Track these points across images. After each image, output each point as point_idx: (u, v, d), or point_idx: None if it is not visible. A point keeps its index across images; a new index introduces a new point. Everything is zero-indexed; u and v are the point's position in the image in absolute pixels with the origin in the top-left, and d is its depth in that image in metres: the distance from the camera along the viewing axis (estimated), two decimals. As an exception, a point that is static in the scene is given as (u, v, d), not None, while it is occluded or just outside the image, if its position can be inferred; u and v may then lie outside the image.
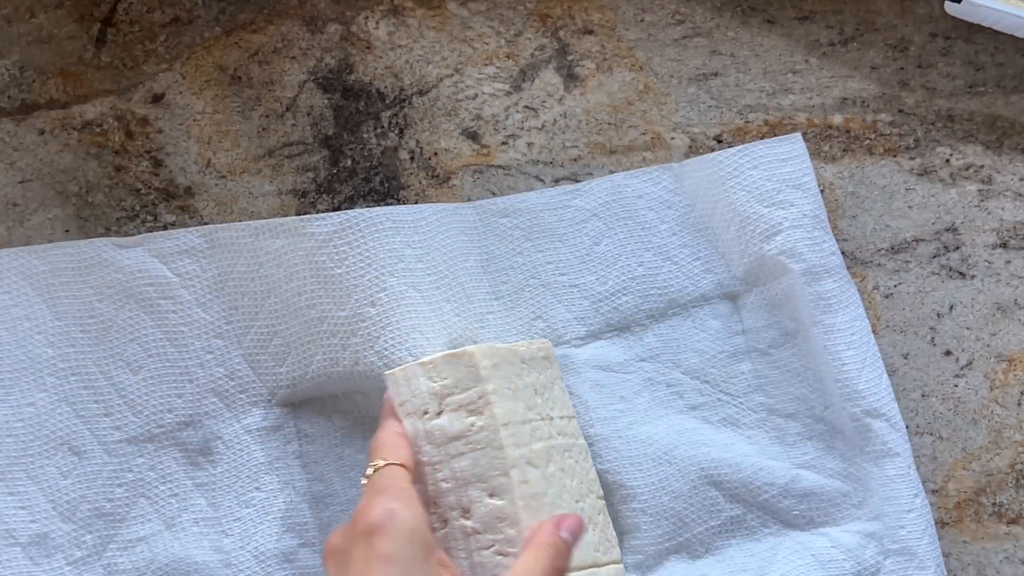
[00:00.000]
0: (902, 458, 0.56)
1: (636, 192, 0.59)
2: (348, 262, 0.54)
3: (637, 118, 0.61)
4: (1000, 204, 0.60)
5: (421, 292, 0.54)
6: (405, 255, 0.54)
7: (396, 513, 0.43)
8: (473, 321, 0.56)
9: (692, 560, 0.56)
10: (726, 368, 0.58)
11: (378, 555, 0.41)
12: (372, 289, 0.53)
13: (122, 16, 0.59)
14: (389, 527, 0.42)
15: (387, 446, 0.48)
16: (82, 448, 0.53)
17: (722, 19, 0.62)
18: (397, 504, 0.43)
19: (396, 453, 0.47)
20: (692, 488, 0.56)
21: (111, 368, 0.54)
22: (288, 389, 0.55)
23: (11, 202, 0.57)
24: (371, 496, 0.44)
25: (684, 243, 0.59)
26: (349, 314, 0.54)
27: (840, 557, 0.55)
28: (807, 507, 0.57)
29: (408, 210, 0.55)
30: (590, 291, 0.58)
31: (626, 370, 0.57)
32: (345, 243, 0.54)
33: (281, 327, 0.55)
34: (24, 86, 0.58)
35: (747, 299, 0.59)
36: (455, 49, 0.60)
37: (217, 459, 0.54)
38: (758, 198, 0.57)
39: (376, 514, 0.43)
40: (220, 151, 0.58)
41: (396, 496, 0.44)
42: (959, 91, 0.61)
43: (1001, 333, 0.59)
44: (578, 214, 0.58)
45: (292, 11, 0.60)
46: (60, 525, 0.52)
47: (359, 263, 0.54)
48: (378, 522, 0.42)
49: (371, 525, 0.42)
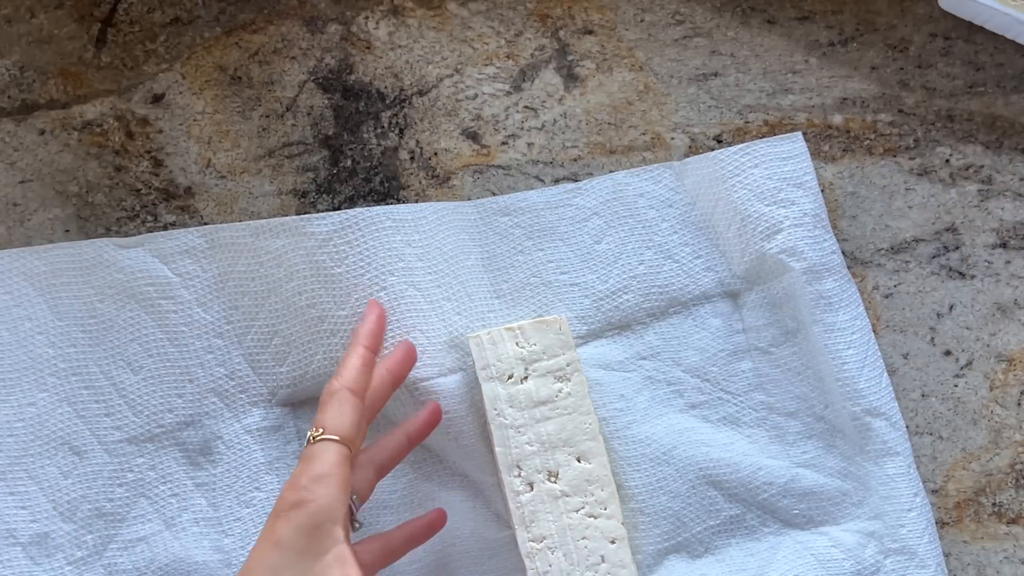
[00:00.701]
0: (902, 457, 0.56)
1: (637, 190, 0.59)
2: (348, 261, 0.54)
3: (637, 118, 0.61)
4: (1000, 204, 0.61)
5: (422, 291, 0.55)
6: (405, 254, 0.55)
7: (305, 499, 0.42)
8: (474, 319, 0.56)
9: (692, 559, 0.56)
10: (727, 366, 0.58)
11: (272, 536, 0.41)
12: (372, 288, 0.54)
13: (122, 16, 0.60)
14: (294, 512, 0.42)
15: (331, 411, 0.45)
16: (83, 448, 0.53)
17: (722, 19, 0.62)
18: (311, 489, 0.42)
19: (338, 422, 0.45)
20: (691, 488, 0.56)
21: (112, 368, 0.54)
22: (288, 389, 0.55)
23: (11, 202, 0.57)
24: (297, 472, 0.43)
25: (685, 241, 0.59)
26: (349, 313, 0.54)
27: (840, 556, 0.56)
28: (807, 506, 0.57)
29: (408, 209, 0.56)
30: (591, 290, 0.58)
31: (626, 368, 0.58)
32: (345, 242, 0.54)
33: (281, 327, 0.55)
34: (24, 86, 0.58)
35: (748, 297, 0.59)
36: (455, 49, 0.61)
37: (217, 459, 0.55)
38: (759, 196, 0.58)
39: (288, 495, 0.42)
40: (220, 151, 0.59)
41: (314, 479, 0.42)
42: (959, 91, 0.62)
43: (1001, 333, 0.60)
44: (579, 212, 0.59)
45: (292, 11, 0.60)
46: (61, 525, 0.52)
47: (359, 262, 0.54)
48: (287, 503, 0.42)
49: (281, 503, 0.42)
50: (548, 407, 0.49)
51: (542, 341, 0.50)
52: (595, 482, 0.48)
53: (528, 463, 0.48)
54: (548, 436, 0.48)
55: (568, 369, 0.49)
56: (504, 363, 0.50)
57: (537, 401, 0.49)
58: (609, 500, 0.48)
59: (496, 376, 0.50)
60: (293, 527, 0.42)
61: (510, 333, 0.50)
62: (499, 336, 0.50)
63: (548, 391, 0.49)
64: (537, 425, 0.48)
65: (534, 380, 0.49)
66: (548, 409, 0.49)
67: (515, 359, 0.50)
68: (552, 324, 0.49)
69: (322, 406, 0.46)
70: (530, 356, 0.49)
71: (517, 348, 0.50)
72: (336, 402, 0.45)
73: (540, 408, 0.49)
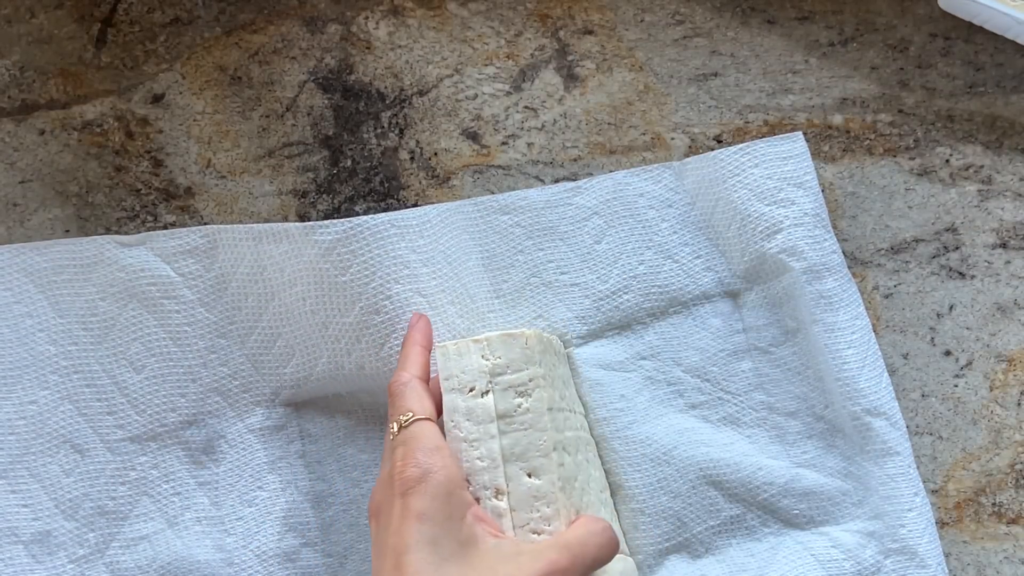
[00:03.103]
0: (902, 457, 0.57)
1: (637, 190, 0.60)
2: (352, 270, 0.55)
3: (637, 118, 0.62)
4: (1000, 204, 0.62)
5: (426, 297, 0.55)
6: (410, 260, 0.56)
7: (430, 470, 0.45)
8: (475, 320, 0.57)
9: (692, 560, 0.57)
10: (727, 366, 0.59)
11: (412, 512, 0.44)
12: (377, 297, 0.55)
13: (122, 16, 0.61)
14: (424, 485, 0.44)
15: (412, 397, 0.49)
16: (85, 446, 0.54)
17: (722, 19, 0.63)
18: (431, 461, 0.45)
19: (422, 406, 0.48)
20: (691, 488, 0.57)
21: (114, 367, 0.55)
22: (292, 389, 0.56)
23: (11, 202, 0.58)
24: (406, 452, 0.46)
25: (685, 241, 0.60)
26: (354, 321, 0.55)
27: (840, 557, 0.56)
28: (807, 506, 0.58)
29: (412, 214, 0.56)
30: (591, 290, 0.59)
31: (627, 368, 0.59)
32: (349, 251, 0.55)
33: (284, 330, 0.56)
34: (24, 86, 0.59)
35: (748, 297, 0.60)
36: (455, 49, 0.62)
37: (220, 458, 0.55)
38: (759, 196, 0.59)
39: (411, 472, 0.45)
40: (220, 151, 0.60)
41: (429, 453, 0.45)
42: (959, 91, 0.63)
43: (1001, 333, 0.61)
44: (579, 212, 0.59)
45: (292, 11, 0.61)
46: (63, 523, 0.53)
47: (363, 271, 0.55)
48: (412, 479, 0.44)
49: (406, 482, 0.44)
50: (505, 422, 0.49)
51: (507, 355, 0.49)
52: (542, 498, 0.47)
53: (477, 479, 0.48)
54: (501, 450, 0.48)
55: (530, 385, 0.49)
56: (468, 375, 0.50)
57: (495, 416, 0.49)
58: (554, 517, 0.47)
59: (458, 388, 0.50)
60: (429, 497, 0.44)
61: (477, 345, 0.50)
62: (466, 348, 0.50)
63: (507, 405, 0.48)
64: (491, 440, 0.49)
65: (495, 394, 0.49)
66: (504, 424, 0.49)
67: (479, 372, 0.50)
68: (519, 338, 0.49)
69: (398, 396, 0.49)
70: (494, 369, 0.49)
71: (483, 360, 0.50)
72: (412, 390, 0.49)
73: (498, 423, 0.49)
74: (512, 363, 0.49)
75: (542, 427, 0.48)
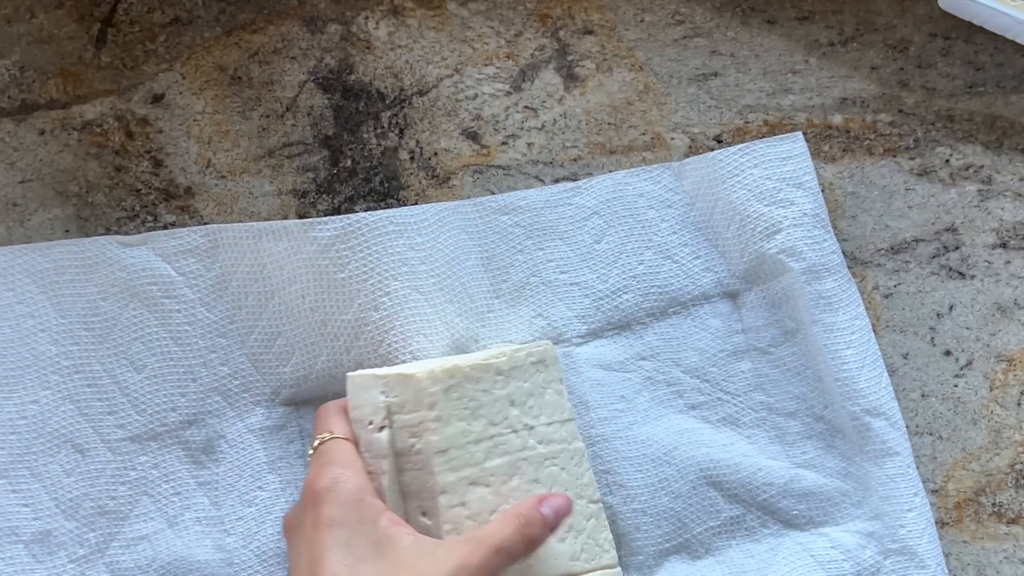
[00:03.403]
0: (902, 457, 0.57)
1: (637, 190, 0.60)
2: (351, 267, 0.55)
3: (637, 118, 0.62)
4: (1000, 204, 0.62)
5: (424, 295, 0.56)
6: (408, 258, 0.56)
7: (339, 479, 0.46)
8: (474, 320, 0.57)
9: (692, 561, 0.57)
10: (726, 367, 0.59)
11: (324, 520, 0.45)
12: (375, 294, 0.55)
13: (122, 16, 0.61)
14: (333, 493, 0.46)
15: (333, 420, 0.51)
16: (85, 446, 0.54)
17: (722, 19, 0.63)
18: (341, 471, 0.47)
19: (340, 427, 0.50)
20: (691, 488, 0.57)
21: (115, 366, 0.55)
22: (292, 388, 0.56)
23: (11, 202, 0.58)
24: (317, 467, 0.48)
25: (684, 242, 0.60)
26: (353, 318, 0.55)
27: (840, 558, 0.57)
28: (806, 507, 0.58)
29: (411, 212, 0.57)
30: (591, 289, 0.59)
31: (626, 369, 0.59)
32: (348, 248, 0.55)
33: (285, 328, 0.56)
34: (24, 86, 0.60)
35: (747, 298, 0.60)
36: (455, 49, 0.62)
37: (220, 458, 0.56)
38: (758, 196, 0.59)
39: (321, 482, 0.46)
40: (220, 151, 0.60)
41: (340, 464, 0.47)
42: (959, 91, 0.63)
43: (1001, 333, 0.61)
44: (579, 212, 0.60)
45: (292, 11, 0.62)
46: (63, 523, 0.53)
47: (362, 268, 0.55)
48: (323, 489, 0.46)
49: (316, 492, 0.46)
50: (403, 459, 0.49)
51: (403, 394, 0.50)
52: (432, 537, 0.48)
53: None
54: (401, 486, 0.49)
55: (419, 428, 0.49)
56: (367, 408, 0.51)
57: (388, 452, 0.50)
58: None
59: (359, 419, 0.51)
60: (339, 505, 0.46)
61: (377, 380, 0.50)
62: (369, 381, 0.51)
63: (404, 444, 0.49)
64: (383, 476, 0.50)
65: (391, 431, 0.50)
66: (403, 461, 0.49)
67: (376, 407, 0.50)
68: (411, 380, 0.49)
69: (321, 418, 0.52)
70: (391, 407, 0.50)
71: (381, 396, 0.50)
72: (334, 414, 0.52)
73: (397, 459, 0.50)
74: (406, 404, 0.50)
75: (430, 470, 0.49)
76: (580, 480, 0.54)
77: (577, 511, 0.53)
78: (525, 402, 0.53)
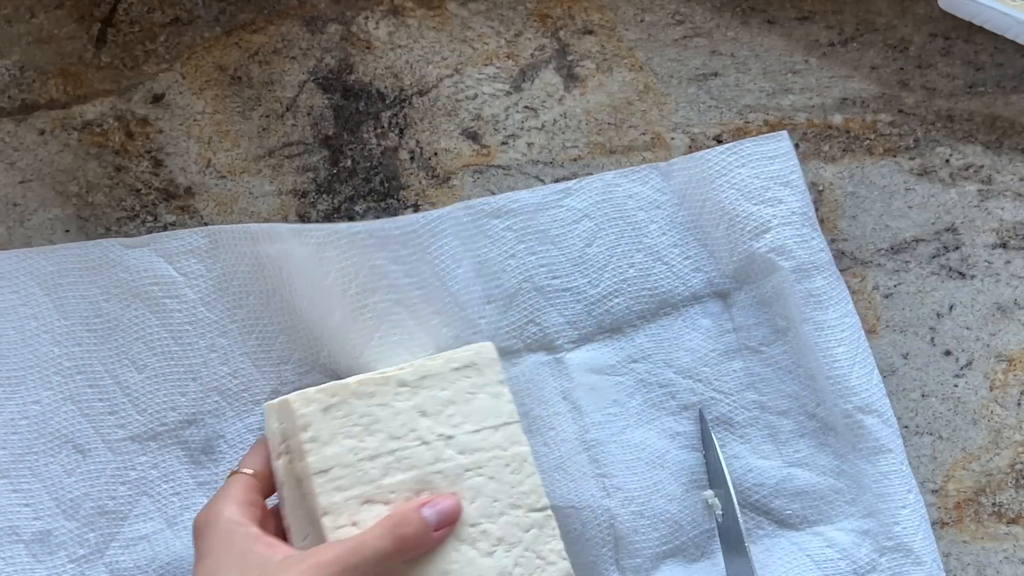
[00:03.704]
0: (895, 454, 0.57)
1: (626, 192, 0.60)
2: (332, 276, 0.56)
3: (637, 118, 0.62)
4: (1000, 204, 0.62)
5: (407, 307, 0.56)
6: (390, 271, 0.56)
7: (212, 514, 0.48)
8: (464, 328, 0.57)
9: (688, 564, 0.58)
10: (718, 366, 0.59)
11: (199, 554, 0.48)
12: (354, 305, 0.56)
13: (122, 16, 0.61)
14: (205, 529, 0.48)
15: (250, 453, 0.53)
16: (86, 446, 0.55)
17: (722, 19, 0.64)
18: (218, 506, 0.48)
19: (252, 461, 0.52)
20: (685, 491, 0.58)
21: (116, 366, 0.56)
22: (292, 387, 0.57)
23: (11, 202, 0.59)
24: (208, 503, 0.50)
25: (674, 243, 0.60)
26: (338, 324, 0.56)
27: (835, 556, 0.57)
28: (800, 506, 0.58)
29: (395, 223, 0.57)
30: (582, 294, 0.59)
31: (619, 372, 0.59)
32: (328, 257, 0.56)
33: (286, 326, 0.57)
34: (24, 86, 0.60)
35: (737, 297, 0.60)
36: (455, 49, 0.62)
37: (219, 458, 0.56)
38: (746, 196, 0.59)
39: (198, 519, 0.49)
40: (220, 151, 0.60)
41: (222, 500, 0.49)
42: (959, 91, 0.63)
43: (1001, 333, 0.61)
44: (570, 214, 0.60)
45: (292, 11, 0.62)
46: (63, 522, 0.54)
47: (340, 279, 0.56)
48: (199, 525, 0.48)
49: (195, 528, 0.48)
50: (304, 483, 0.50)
51: (285, 420, 0.50)
52: None
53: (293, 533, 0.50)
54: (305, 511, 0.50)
55: (299, 451, 0.50)
56: (272, 438, 0.51)
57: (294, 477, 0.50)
58: None
59: (272, 448, 0.52)
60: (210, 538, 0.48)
61: (273, 410, 0.51)
62: (271, 410, 0.51)
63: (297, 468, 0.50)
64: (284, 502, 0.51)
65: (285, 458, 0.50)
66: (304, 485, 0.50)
67: (275, 434, 0.51)
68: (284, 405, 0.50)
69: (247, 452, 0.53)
70: (284, 433, 0.51)
71: (276, 423, 0.51)
72: (254, 446, 0.53)
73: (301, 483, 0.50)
74: (288, 429, 0.50)
75: (310, 493, 0.49)
76: (518, 488, 0.52)
77: (511, 522, 0.51)
78: (442, 411, 0.52)
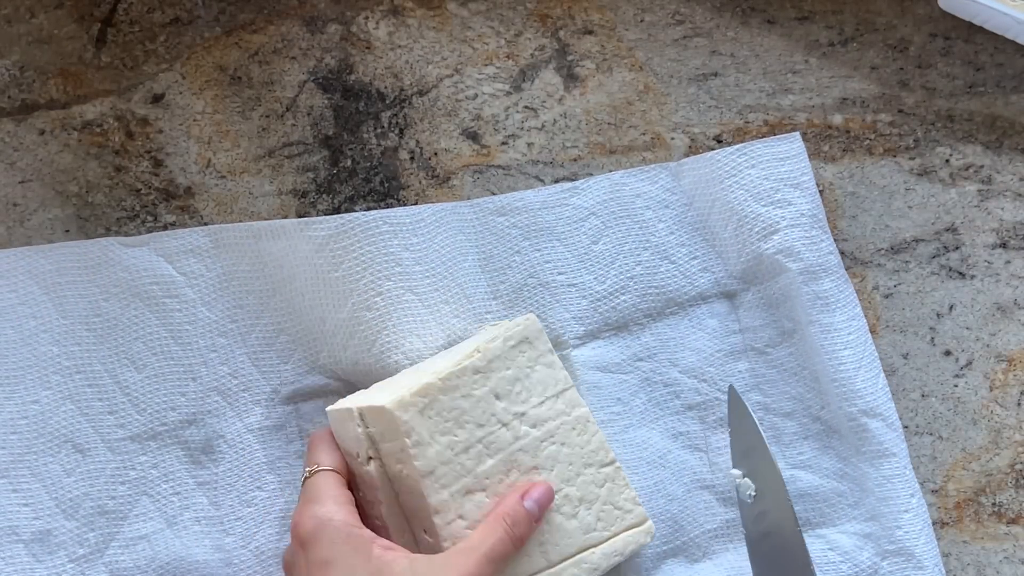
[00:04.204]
0: (898, 458, 0.57)
1: (634, 191, 0.60)
2: (345, 266, 0.56)
3: (637, 118, 0.63)
4: (1000, 204, 0.62)
5: (418, 295, 0.56)
6: (403, 258, 0.56)
7: (324, 518, 0.47)
8: (471, 321, 0.58)
9: (690, 564, 0.58)
10: (723, 367, 0.60)
11: (318, 563, 0.46)
12: (368, 293, 0.56)
13: (122, 16, 0.61)
14: (320, 534, 0.47)
15: (321, 449, 0.52)
16: (86, 446, 0.55)
17: (722, 19, 0.64)
18: (324, 509, 0.48)
19: (329, 457, 0.52)
20: (686, 491, 0.58)
21: (116, 366, 0.56)
22: (292, 386, 0.57)
23: (11, 202, 0.59)
24: (302, 506, 0.49)
25: (682, 242, 0.60)
26: (347, 316, 0.56)
27: (837, 559, 0.57)
28: (802, 508, 0.58)
29: (406, 212, 0.57)
30: (588, 290, 0.59)
31: (623, 370, 0.59)
32: (341, 247, 0.56)
33: (287, 324, 0.57)
34: (24, 86, 0.60)
35: (744, 298, 0.60)
36: (455, 49, 0.63)
37: (219, 458, 0.56)
38: (756, 197, 0.59)
39: (307, 525, 0.47)
40: (220, 151, 0.61)
41: (323, 502, 0.48)
42: (959, 91, 0.64)
43: (1001, 333, 0.61)
44: (576, 212, 0.60)
45: (292, 11, 0.62)
46: (63, 522, 0.54)
47: (355, 267, 0.56)
48: (309, 532, 0.47)
49: (304, 536, 0.47)
50: (397, 483, 0.50)
51: (378, 425, 0.50)
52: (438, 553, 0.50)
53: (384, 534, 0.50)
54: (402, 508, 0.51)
55: (401, 455, 0.50)
56: (350, 442, 0.51)
57: (387, 477, 0.50)
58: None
59: (347, 451, 0.52)
60: (328, 543, 0.47)
61: (351, 414, 0.51)
62: (345, 415, 0.51)
63: (393, 470, 0.50)
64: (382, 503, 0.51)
65: (378, 461, 0.51)
66: (398, 484, 0.50)
67: (358, 439, 0.51)
68: (383, 412, 0.50)
69: (311, 448, 0.53)
70: (372, 437, 0.51)
71: (359, 429, 0.51)
72: (323, 441, 0.53)
73: (394, 483, 0.50)
74: (385, 433, 0.50)
75: (421, 494, 0.49)
76: (587, 448, 0.54)
77: (587, 481, 0.53)
78: (511, 390, 0.53)
